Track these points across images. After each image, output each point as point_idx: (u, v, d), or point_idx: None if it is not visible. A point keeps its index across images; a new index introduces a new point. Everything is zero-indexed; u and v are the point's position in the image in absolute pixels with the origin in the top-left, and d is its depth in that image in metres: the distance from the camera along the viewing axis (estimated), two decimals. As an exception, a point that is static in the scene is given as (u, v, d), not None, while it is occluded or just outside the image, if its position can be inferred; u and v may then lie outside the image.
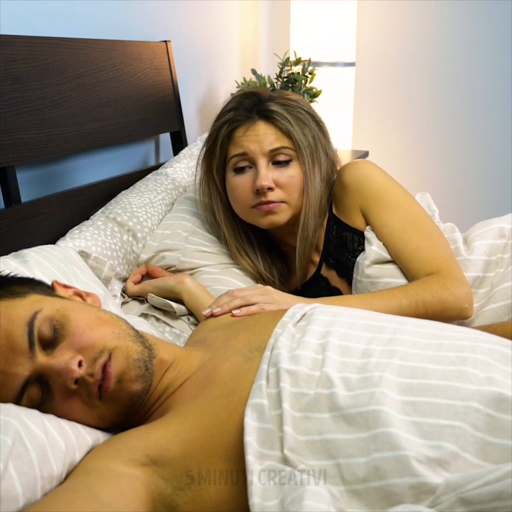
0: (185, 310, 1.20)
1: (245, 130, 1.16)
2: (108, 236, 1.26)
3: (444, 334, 0.74)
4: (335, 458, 0.63)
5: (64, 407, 0.73)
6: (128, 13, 1.67)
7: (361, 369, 0.69)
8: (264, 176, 1.13)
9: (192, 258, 1.27)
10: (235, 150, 1.17)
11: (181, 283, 1.19)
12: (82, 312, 0.77)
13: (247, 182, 1.16)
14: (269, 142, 1.15)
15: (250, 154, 1.15)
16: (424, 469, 0.59)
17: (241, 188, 1.17)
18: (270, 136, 1.15)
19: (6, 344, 0.71)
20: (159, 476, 0.67)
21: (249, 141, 1.15)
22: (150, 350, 0.79)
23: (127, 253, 1.28)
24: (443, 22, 2.36)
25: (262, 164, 1.15)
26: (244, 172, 1.17)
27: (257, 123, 1.16)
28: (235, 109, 1.18)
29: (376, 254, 1.11)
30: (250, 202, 1.17)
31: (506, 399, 0.63)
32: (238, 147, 1.16)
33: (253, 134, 1.15)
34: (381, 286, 1.10)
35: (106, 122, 1.48)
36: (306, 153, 1.16)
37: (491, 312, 1.06)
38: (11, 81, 1.19)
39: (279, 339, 0.76)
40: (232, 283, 1.21)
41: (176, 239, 1.30)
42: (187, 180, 1.55)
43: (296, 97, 1.22)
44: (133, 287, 1.25)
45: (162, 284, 1.22)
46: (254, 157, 1.15)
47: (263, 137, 1.15)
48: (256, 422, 0.66)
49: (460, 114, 2.42)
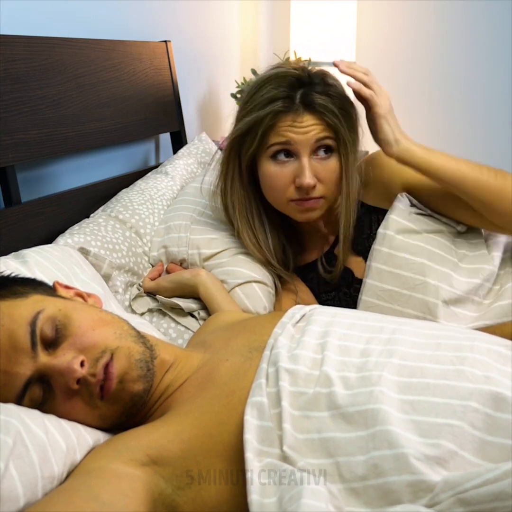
0: (194, 307, 1.20)
1: (291, 121, 1.11)
2: (109, 231, 1.25)
3: (443, 334, 0.75)
4: (334, 457, 0.63)
5: (65, 407, 0.73)
6: (128, 13, 1.67)
7: (360, 368, 0.70)
8: (308, 174, 1.10)
9: (198, 248, 1.27)
10: (277, 139, 1.12)
11: (197, 276, 1.20)
12: (84, 313, 0.77)
13: (287, 174, 1.13)
14: (314, 134, 1.11)
15: (294, 145, 1.11)
16: (422, 467, 0.59)
17: (281, 179, 1.13)
18: (316, 128, 1.11)
19: (8, 343, 0.71)
20: (160, 476, 0.67)
21: (294, 132, 1.11)
22: (151, 350, 0.79)
23: (131, 246, 1.28)
24: (443, 22, 2.36)
25: (305, 157, 1.11)
26: (283, 161, 1.13)
27: (303, 115, 1.11)
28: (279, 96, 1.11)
29: (397, 223, 1.11)
30: (289, 195, 1.14)
31: (504, 398, 0.63)
32: (280, 136, 1.11)
33: (299, 126, 1.11)
34: (398, 259, 1.09)
35: (106, 122, 1.48)
36: (348, 146, 1.14)
37: (498, 309, 1.05)
38: (11, 81, 1.19)
39: (278, 339, 0.77)
40: (242, 273, 1.21)
41: (180, 231, 1.30)
42: (186, 177, 1.55)
43: (333, 78, 1.17)
44: (150, 282, 1.25)
45: (178, 278, 1.23)
46: (298, 149, 1.11)
47: (309, 129, 1.11)
48: (256, 420, 0.66)
49: (460, 113, 2.42)
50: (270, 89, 1.12)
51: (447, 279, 1.06)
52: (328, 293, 1.23)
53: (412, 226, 1.11)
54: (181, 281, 1.22)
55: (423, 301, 1.05)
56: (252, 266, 1.24)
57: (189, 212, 1.33)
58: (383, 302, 1.08)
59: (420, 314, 1.05)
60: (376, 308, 1.08)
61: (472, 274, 1.08)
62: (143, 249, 1.32)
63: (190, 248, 1.28)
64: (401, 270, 1.08)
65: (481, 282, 1.08)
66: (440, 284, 1.05)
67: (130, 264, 1.25)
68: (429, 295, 1.05)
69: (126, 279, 1.24)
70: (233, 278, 1.21)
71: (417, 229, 1.11)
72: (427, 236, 1.10)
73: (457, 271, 1.07)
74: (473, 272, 1.08)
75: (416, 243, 1.09)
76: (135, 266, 1.27)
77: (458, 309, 1.06)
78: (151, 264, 1.33)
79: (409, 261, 1.08)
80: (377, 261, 1.10)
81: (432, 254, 1.08)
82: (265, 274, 1.24)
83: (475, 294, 1.07)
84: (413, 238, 1.10)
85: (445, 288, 1.05)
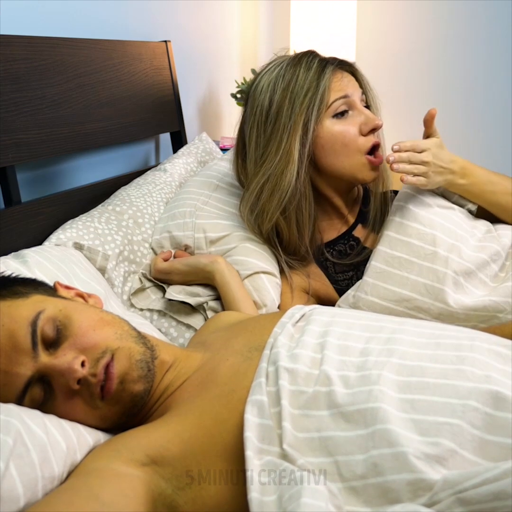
0: (201, 300, 1.19)
1: (341, 77, 1.17)
2: (102, 223, 1.24)
3: (443, 334, 0.75)
4: (334, 455, 0.63)
5: (66, 407, 0.73)
6: (128, 13, 1.67)
7: (360, 367, 0.70)
8: (373, 116, 1.17)
9: (205, 232, 1.26)
10: (336, 94, 1.16)
11: (215, 262, 1.19)
12: (84, 313, 0.77)
13: (354, 125, 1.16)
14: (359, 87, 1.19)
15: (350, 97, 1.16)
16: (422, 465, 0.59)
17: (350, 131, 1.16)
18: (356, 83, 1.20)
19: (9, 344, 0.71)
20: (160, 476, 0.67)
21: (348, 86, 1.17)
22: (152, 351, 0.79)
23: (127, 235, 1.26)
24: (443, 22, 2.36)
25: (361, 107, 1.18)
26: (346, 117, 1.17)
27: (345, 74, 1.19)
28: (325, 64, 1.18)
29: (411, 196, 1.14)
30: (362, 147, 1.16)
31: (504, 397, 0.63)
32: (338, 91, 1.16)
33: (347, 80, 1.17)
34: (410, 229, 1.11)
35: (106, 122, 1.48)
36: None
37: (504, 289, 1.06)
38: (11, 81, 1.19)
39: (278, 338, 0.77)
40: (251, 264, 1.20)
41: (185, 217, 1.29)
42: (185, 175, 1.55)
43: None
44: (162, 263, 1.23)
45: (194, 261, 1.21)
46: (355, 100, 1.17)
47: (355, 83, 1.19)
48: (257, 418, 0.66)
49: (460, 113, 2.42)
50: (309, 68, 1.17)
51: (457, 251, 1.08)
52: (345, 273, 1.23)
53: (425, 199, 1.14)
54: (197, 265, 1.20)
55: (432, 270, 1.07)
56: (260, 255, 1.23)
57: (193, 201, 1.32)
58: (391, 268, 1.10)
59: (428, 282, 1.07)
60: (383, 274, 1.09)
61: (480, 250, 1.10)
62: (142, 236, 1.30)
63: (196, 232, 1.26)
64: (412, 239, 1.10)
65: (488, 259, 1.09)
66: (450, 255, 1.07)
67: (125, 253, 1.23)
68: (438, 265, 1.07)
69: (122, 269, 1.22)
70: (242, 269, 1.20)
71: (430, 203, 1.14)
72: (439, 211, 1.13)
73: (467, 244, 1.10)
74: (481, 248, 1.10)
75: (428, 216, 1.12)
76: (130, 254, 1.25)
77: (466, 283, 1.07)
78: (153, 248, 1.31)
79: (420, 231, 1.10)
80: (389, 230, 1.13)
81: (444, 227, 1.10)
82: (273, 264, 1.23)
83: (482, 271, 1.09)
84: (426, 211, 1.12)
85: (455, 259, 1.07)
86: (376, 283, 1.10)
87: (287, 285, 1.24)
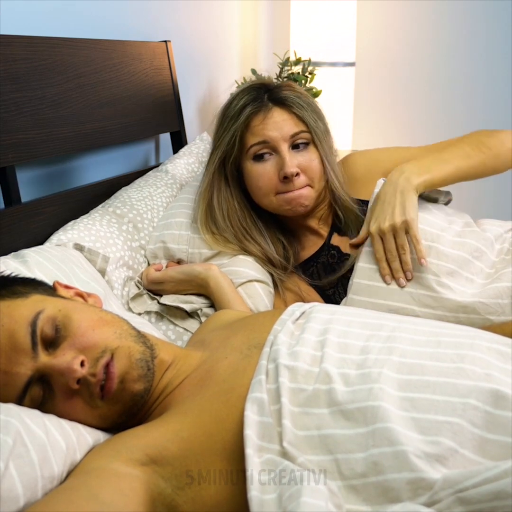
0: (196, 307, 1.20)
1: (263, 119, 1.18)
2: (103, 225, 1.24)
3: (443, 332, 0.75)
4: (334, 454, 0.63)
5: (65, 407, 0.73)
6: (128, 13, 1.67)
7: (360, 365, 0.70)
8: (290, 163, 1.16)
9: (199, 248, 1.27)
10: (254, 139, 1.18)
11: (209, 270, 1.20)
12: (84, 313, 0.77)
13: (270, 169, 1.18)
14: (289, 128, 1.18)
15: (271, 142, 1.17)
16: (422, 464, 0.59)
17: (265, 176, 1.18)
18: (288, 122, 1.18)
19: (9, 343, 0.71)
20: (159, 475, 0.67)
21: (268, 129, 1.17)
22: (151, 350, 0.79)
23: (127, 240, 1.27)
24: (443, 22, 2.35)
25: (285, 150, 1.17)
26: (264, 159, 1.19)
27: (273, 110, 1.18)
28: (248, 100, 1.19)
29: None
30: (275, 189, 1.18)
31: (504, 396, 0.63)
32: (257, 136, 1.18)
33: (271, 121, 1.18)
34: None
35: (106, 122, 1.48)
36: (322, 136, 1.20)
37: (494, 289, 1.05)
38: (11, 81, 1.19)
39: (278, 336, 0.77)
40: (244, 273, 1.21)
41: (181, 229, 1.30)
42: (186, 176, 1.55)
43: (299, 87, 1.26)
44: (155, 273, 1.24)
45: (188, 269, 1.22)
46: (276, 144, 1.17)
47: (282, 124, 1.18)
48: (257, 415, 0.66)
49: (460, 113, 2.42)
50: (239, 99, 1.20)
51: (435, 252, 1.06)
52: (332, 288, 1.23)
53: None
54: (191, 273, 1.21)
55: (414, 277, 1.06)
56: (254, 265, 1.24)
57: (190, 210, 1.33)
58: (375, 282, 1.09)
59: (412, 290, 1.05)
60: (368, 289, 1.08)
61: (460, 247, 1.08)
62: (139, 243, 1.31)
63: (190, 247, 1.27)
64: None
65: (469, 257, 1.07)
66: (428, 259, 1.05)
67: (125, 258, 1.24)
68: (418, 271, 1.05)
69: (122, 274, 1.22)
70: (236, 278, 1.21)
71: None
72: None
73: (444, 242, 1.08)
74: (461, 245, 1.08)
75: None
76: (130, 260, 1.26)
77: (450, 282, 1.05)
78: (146, 257, 1.31)
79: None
80: (366, 245, 1.12)
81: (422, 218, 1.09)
82: (266, 274, 1.25)
83: (466, 270, 1.06)
84: None
85: (433, 262, 1.06)
86: (362, 299, 1.09)
87: (280, 300, 1.26)
